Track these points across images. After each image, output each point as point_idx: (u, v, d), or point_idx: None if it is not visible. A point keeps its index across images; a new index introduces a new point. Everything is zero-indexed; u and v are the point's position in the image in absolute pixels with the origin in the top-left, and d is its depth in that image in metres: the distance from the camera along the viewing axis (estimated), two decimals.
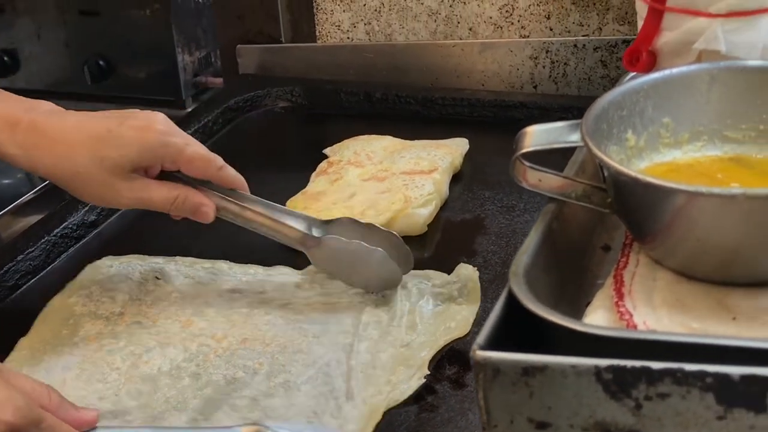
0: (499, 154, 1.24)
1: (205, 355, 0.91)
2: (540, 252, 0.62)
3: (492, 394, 0.55)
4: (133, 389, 0.88)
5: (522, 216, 1.13)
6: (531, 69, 1.40)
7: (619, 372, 0.53)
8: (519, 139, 0.67)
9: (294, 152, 1.36)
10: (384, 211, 1.11)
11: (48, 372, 0.90)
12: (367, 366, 0.89)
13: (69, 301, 1.00)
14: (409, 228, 1.11)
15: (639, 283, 0.62)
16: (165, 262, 1.06)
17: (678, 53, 0.74)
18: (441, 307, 0.96)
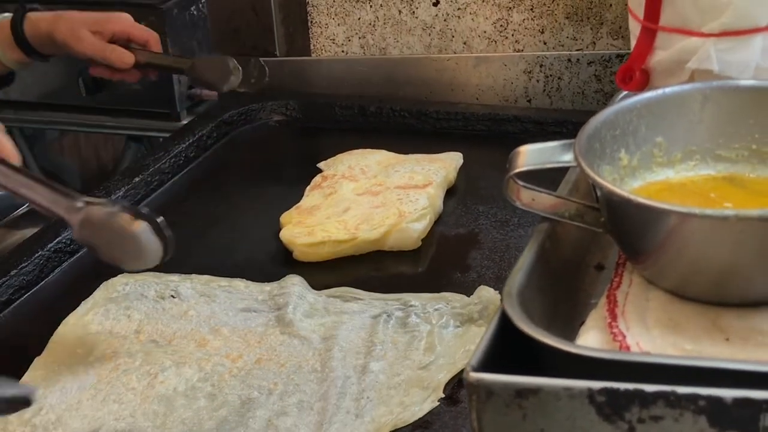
0: (493, 168, 1.25)
1: (221, 375, 0.91)
2: (533, 271, 0.62)
3: (485, 416, 0.55)
4: (149, 410, 0.87)
5: (516, 231, 1.13)
6: (525, 83, 1.40)
7: (612, 395, 0.53)
8: (512, 158, 0.67)
9: (288, 166, 1.36)
10: (378, 226, 1.11)
11: (63, 393, 0.90)
12: (381, 386, 0.88)
13: (84, 320, 1.00)
14: (403, 242, 1.11)
15: (632, 303, 0.62)
16: (181, 281, 1.06)
17: (671, 72, 0.74)
18: (461, 330, 0.96)
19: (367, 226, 1.11)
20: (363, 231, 1.11)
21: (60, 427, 0.87)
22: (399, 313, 0.98)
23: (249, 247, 1.15)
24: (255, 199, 1.26)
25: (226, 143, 1.42)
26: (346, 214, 1.14)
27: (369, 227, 1.11)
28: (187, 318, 1.00)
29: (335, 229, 1.11)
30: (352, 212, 1.14)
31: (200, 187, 1.30)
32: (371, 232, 1.11)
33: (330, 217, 1.14)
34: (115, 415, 0.87)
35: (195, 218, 1.22)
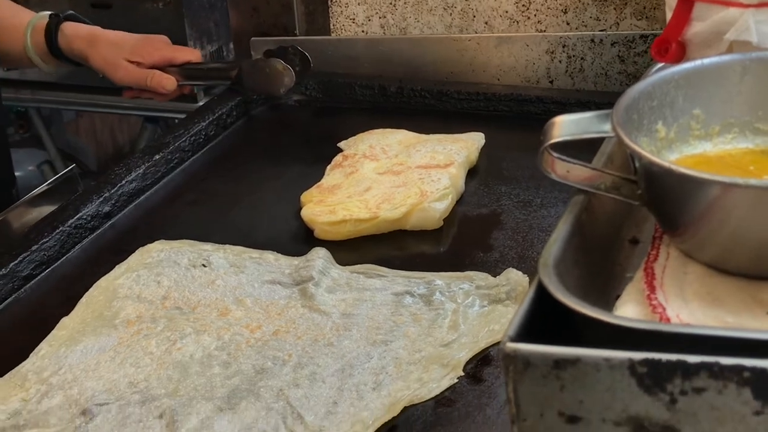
0: (515, 148, 1.24)
1: (237, 344, 0.92)
2: (569, 244, 0.61)
3: (522, 387, 0.54)
4: (163, 375, 0.88)
5: (539, 211, 1.12)
6: (547, 64, 1.39)
7: (654, 366, 0.52)
8: (547, 129, 0.66)
9: (308, 145, 1.35)
10: (399, 205, 1.10)
11: (84, 353, 0.91)
12: (401, 362, 0.88)
13: (116, 283, 1.01)
14: (424, 222, 1.10)
15: (670, 276, 0.61)
16: (214, 250, 1.06)
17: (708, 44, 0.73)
18: (487, 309, 0.95)
19: (388, 206, 1.10)
20: (384, 210, 1.10)
21: (76, 386, 0.88)
22: (423, 291, 0.98)
23: (269, 226, 1.14)
24: (275, 178, 1.25)
25: (246, 122, 1.41)
26: (367, 193, 1.13)
27: (390, 206, 1.10)
28: (214, 287, 1.00)
29: (356, 208, 1.11)
30: (373, 191, 1.14)
31: (220, 165, 1.30)
32: (393, 212, 1.10)
33: (351, 196, 1.13)
34: (130, 378, 0.88)
35: (215, 197, 1.22)
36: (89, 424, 0.83)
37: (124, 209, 1.19)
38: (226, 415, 0.83)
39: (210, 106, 1.39)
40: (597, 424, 0.54)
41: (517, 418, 0.55)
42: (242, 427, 0.82)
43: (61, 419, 0.84)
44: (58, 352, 0.92)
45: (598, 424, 0.54)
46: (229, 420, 0.82)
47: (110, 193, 1.17)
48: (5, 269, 1.03)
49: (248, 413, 0.83)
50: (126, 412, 0.84)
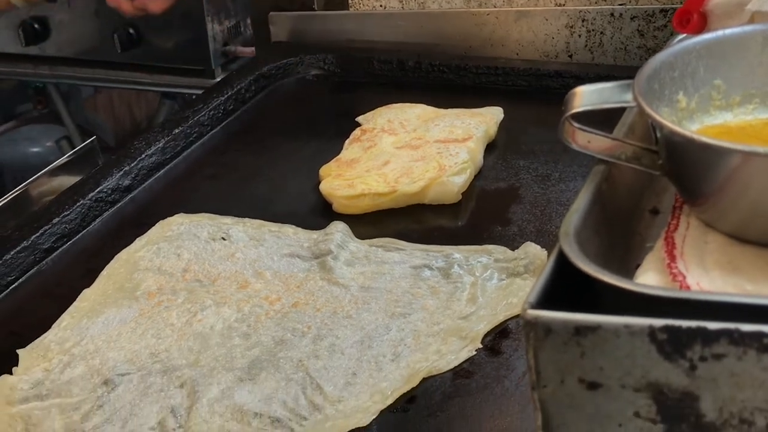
0: (533, 123, 1.24)
1: (257, 317, 0.92)
2: (589, 213, 0.61)
3: (542, 354, 0.55)
4: (184, 346, 0.89)
5: (557, 185, 1.12)
6: (567, 38, 1.39)
7: (674, 332, 0.52)
8: (568, 99, 0.66)
9: (326, 120, 1.35)
10: (418, 179, 1.11)
11: (105, 325, 0.93)
12: (419, 334, 0.89)
13: (137, 256, 1.02)
14: (443, 196, 1.10)
15: (690, 245, 0.61)
16: (233, 223, 1.07)
17: (730, 15, 0.73)
18: (505, 282, 0.95)
19: (407, 180, 1.11)
20: (403, 184, 1.10)
21: (98, 357, 0.89)
22: (441, 264, 0.98)
23: (288, 200, 1.15)
24: (293, 152, 1.25)
25: (265, 97, 1.42)
26: (385, 167, 1.14)
27: (409, 180, 1.11)
28: (234, 260, 1.00)
29: (375, 182, 1.11)
30: (391, 165, 1.14)
31: (239, 139, 1.30)
32: (411, 186, 1.10)
33: (370, 170, 1.13)
34: (151, 349, 0.89)
35: (234, 170, 1.22)
36: (111, 393, 0.84)
37: (144, 183, 1.19)
38: (247, 385, 0.84)
39: (229, 81, 1.40)
40: (617, 390, 0.54)
41: (537, 385, 0.55)
42: (262, 397, 0.82)
43: (84, 389, 0.85)
44: (80, 324, 0.93)
45: (617, 390, 0.54)
46: (249, 390, 0.83)
47: (130, 167, 1.18)
48: (27, 242, 1.04)
49: (268, 383, 0.84)
50: (147, 381, 0.85)
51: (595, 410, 0.55)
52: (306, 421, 0.80)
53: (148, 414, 0.82)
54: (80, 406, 0.84)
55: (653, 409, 0.54)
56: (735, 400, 0.52)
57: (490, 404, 0.82)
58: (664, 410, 0.54)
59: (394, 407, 0.82)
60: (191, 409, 0.82)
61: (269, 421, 0.80)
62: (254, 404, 0.81)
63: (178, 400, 0.83)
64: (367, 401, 0.82)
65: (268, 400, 0.82)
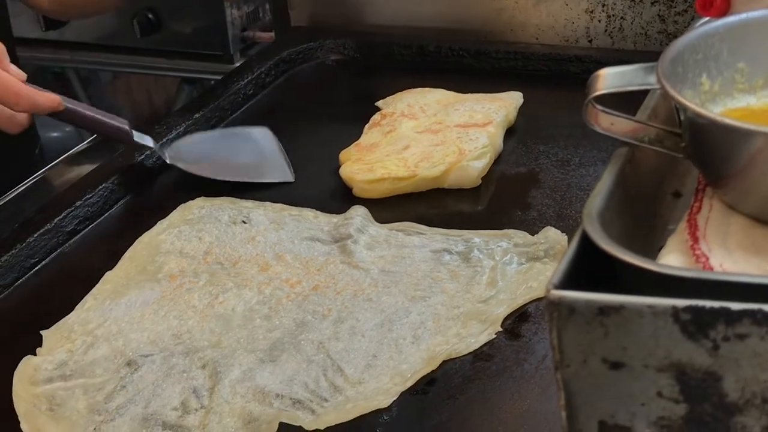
0: (553, 108, 1.24)
1: (278, 299, 0.93)
2: (613, 195, 0.62)
3: (566, 334, 0.55)
4: (206, 328, 0.90)
5: (577, 170, 1.13)
6: (587, 23, 1.38)
7: (697, 312, 0.52)
8: (591, 81, 0.66)
9: (346, 104, 1.36)
10: (438, 164, 1.11)
11: (128, 306, 0.93)
12: (439, 317, 0.89)
13: (159, 239, 1.03)
14: (463, 180, 1.11)
15: (713, 227, 0.61)
16: (254, 207, 1.08)
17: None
18: (525, 266, 0.96)
19: (427, 164, 1.11)
20: (423, 168, 1.10)
21: (121, 338, 0.90)
22: (461, 248, 0.98)
23: (308, 184, 1.15)
24: (313, 136, 1.26)
25: (284, 82, 1.42)
26: (405, 151, 1.14)
27: (429, 165, 1.11)
28: (254, 243, 1.01)
29: (395, 166, 1.11)
30: (411, 150, 1.14)
31: (259, 124, 1.30)
32: (431, 170, 1.10)
33: (390, 155, 1.13)
34: (174, 330, 0.90)
35: None
36: (134, 374, 0.85)
37: (166, 167, 1.20)
38: (268, 366, 0.84)
39: (249, 66, 1.40)
40: (640, 370, 0.54)
41: (560, 365, 0.56)
42: (284, 378, 0.83)
43: (107, 369, 0.86)
44: (103, 305, 0.94)
45: (640, 370, 0.54)
46: (270, 372, 0.84)
47: (152, 151, 1.18)
48: (50, 224, 1.05)
49: (289, 365, 0.85)
50: (170, 362, 0.86)
51: (618, 390, 0.55)
52: (327, 402, 0.81)
53: (171, 394, 0.83)
54: (103, 387, 0.84)
55: (676, 388, 0.54)
56: (757, 380, 0.53)
57: (510, 387, 0.82)
58: (686, 390, 0.54)
59: (414, 389, 0.83)
60: (213, 389, 0.82)
61: (290, 402, 0.81)
62: (275, 386, 0.82)
63: (200, 381, 0.84)
64: (388, 383, 0.83)
65: (289, 382, 0.83)
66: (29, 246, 1.02)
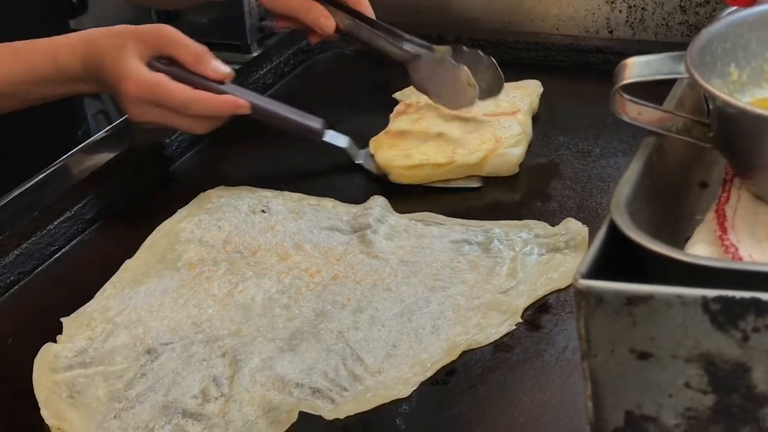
0: (574, 98, 1.24)
1: (298, 288, 0.93)
2: (640, 185, 0.61)
3: (593, 323, 0.55)
4: (226, 316, 0.90)
5: (598, 161, 1.12)
6: (607, 13, 1.38)
7: (727, 303, 0.52)
8: (619, 70, 0.66)
9: (364, 95, 1.35)
10: (476, 150, 1.10)
11: (147, 294, 0.93)
12: (459, 307, 0.89)
13: (178, 227, 1.03)
14: (501, 168, 1.11)
15: (741, 218, 0.61)
16: (273, 196, 1.08)
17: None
18: (545, 257, 0.95)
19: (464, 151, 1.11)
20: (460, 155, 1.10)
21: (140, 326, 0.90)
22: (481, 239, 0.98)
23: (327, 173, 1.15)
24: (332, 126, 1.25)
25: (303, 71, 1.42)
26: (440, 138, 1.14)
27: (466, 151, 1.11)
28: (274, 232, 1.01)
29: (433, 152, 1.11)
30: (446, 137, 1.14)
31: None
32: (469, 156, 1.10)
33: (427, 141, 1.13)
34: (194, 318, 0.90)
35: (273, 144, 1.22)
36: (154, 362, 0.85)
37: (185, 155, 1.20)
38: (287, 355, 0.84)
39: (267, 55, 1.40)
40: (668, 360, 0.54)
41: (588, 354, 0.56)
42: (303, 367, 0.83)
43: (127, 357, 0.86)
44: (123, 293, 0.94)
45: (668, 360, 0.54)
46: (290, 360, 0.84)
47: (171, 140, 1.18)
48: (70, 212, 1.05)
49: (309, 354, 0.84)
50: (190, 351, 0.86)
51: (645, 380, 0.55)
52: (346, 391, 0.81)
53: (191, 383, 0.83)
54: (123, 374, 0.84)
55: (704, 379, 0.54)
56: None
57: (530, 378, 0.82)
58: (715, 381, 0.54)
59: (434, 379, 0.82)
60: (233, 378, 0.82)
61: (310, 392, 0.81)
62: (295, 374, 0.82)
63: (220, 369, 0.84)
64: (407, 373, 0.83)
65: (308, 371, 0.82)
66: (49, 233, 1.02)
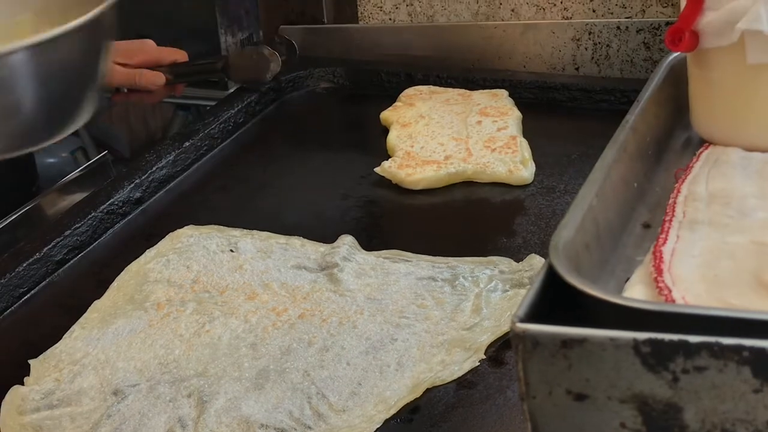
0: (540, 135, 1.25)
1: (264, 327, 0.94)
2: (580, 228, 0.63)
3: (531, 366, 0.56)
4: (192, 356, 0.91)
5: (562, 197, 1.13)
6: (573, 51, 1.40)
7: (657, 345, 0.53)
8: None
9: (335, 132, 1.38)
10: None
11: (115, 335, 0.94)
12: (424, 344, 0.90)
13: (146, 267, 1.04)
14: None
15: (678, 259, 0.62)
16: (242, 235, 1.09)
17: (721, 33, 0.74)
18: (509, 293, 0.97)
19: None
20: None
21: (108, 367, 0.90)
22: (447, 276, 0.99)
23: (297, 211, 1.16)
24: (303, 164, 1.27)
25: (275, 109, 1.43)
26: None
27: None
28: (242, 271, 1.02)
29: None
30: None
31: (249, 152, 1.32)
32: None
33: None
34: (161, 359, 0.91)
35: (244, 182, 1.24)
36: (120, 403, 0.86)
37: (155, 195, 1.21)
38: (253, 394, 0.85)
39: (239, 94, 1.42)
40: (603, 401, 0.55)
41: (526, 396, 0.57)
42: (269, 406, 0.84)
43: (94, 398, 0.87)
44: (91, 334, 0.94)
45: (603, 401, 0.55)
46: (255, 399, 0.84)
47: (141, 180, 1.20)
48: (39, 254, 1.06)
49: (274, 393, 0.85)
50: (157, 391, 0.86)
51: (583, 421, 0.56)
52: (311, 430, 0.82)
53: (157, 424, 0.83)
54: (90, 416, 0.85)
55: (639, 420, 0.55)
56: (717, 412, 0.54)
57: (493, 414, 0.83)
58: (649, 421, 0.55)
59: (398, 417, 0.83)
60: (199, 419, 0.83)
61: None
62: (261, 414, 0.83)
63: (186, 410, 0.84)
64: (371, 410, 0.83)
65: (274, 410, 0.83)
66: (18, 275, 1.03)
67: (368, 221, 1.13)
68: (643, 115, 0.76)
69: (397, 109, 1.29)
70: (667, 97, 0.82)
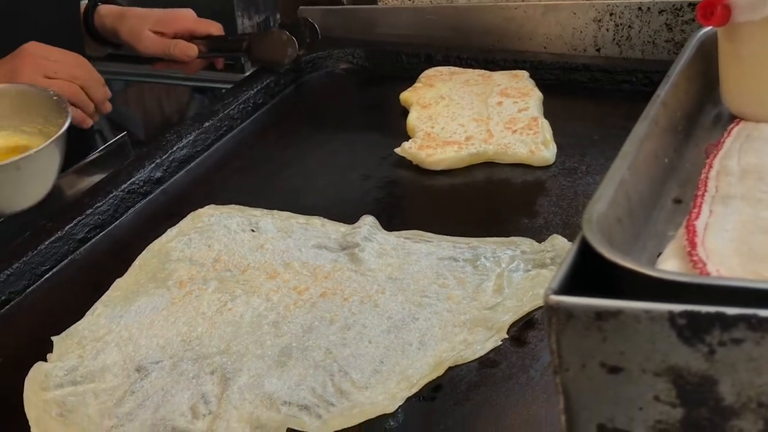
0: (561, 116, 1.25)
1: (286, 306, 0.94)
2: (613, 202, 0.62)
3: (564, 339, 0.56)
4: (215, 334, 0.91)
5: (584, 178, 1.13)
6: (594, 32, 1.39)
7: (693, 317, 0.53)
8: None
9: (354, 113, 1.37)
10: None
11: (138, 313, 0.94)
12: (446, 323, 0.90)
13: (168, 246, 1.04)
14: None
15: (711, 233, 0.62)
16: (262, 215, 1.09)
17: (753, 7, 0.73)
18: (531, 273, 0.96)
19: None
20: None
21: (131, 344, 0.91)
22: (468, 256, 0.99)
23: (316, 192, 1.16)
24: (322, 144, 1.27)
25: (293, 90, 1.43)
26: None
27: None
28: (263, 251, 1.02)
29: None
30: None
31: (268, 132, 1.32)
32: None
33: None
34: (184, 336, 0.91)
35: (263, 163, 1.24)
36: (144, 380, 0.86)
37: (176, 175, 1.21)
38: (276, 372, 0.85)
39: (258, 75, 1.42)
40: (637, 374, 0.55)
41: (560, 369, 0.56)
42: (291, 383, 0.84)
43: (117, 375, 0.87)
44: (113, 312, 0.95)
45: (638, 374, 0.55)
46: (278, 377, 0.84)
47: (162, 159, 1.20)
48: (61, 232, 1.06)
49: (297, 371, 0.85)
50: (180, 368, 0.87)
51: (616, 394, 0.56)
52: (333, 407, 0.82)
53: (180, 400, 0.83)
54: (114, 392, 0.85)
55: (673, 392, 0.55)
56: (753, 385, 0.53)
57: (516, 393, 0.83)
58: (683, 394, 0.55)
59: (420, 395, 0.83)
60: (222, 395, 0.83)
61: (297, 408, 0.81)
62: (283, 392, 0.83)
63: (209, 386, 0.84)
64: (394, 388, 0.83)
65: (296, 387, 0.83)
66: (40, 253, 1.03)
67: (389, 201, 1.13)
68: (674, 90, 0.76)
69: (416, 90, 1.29)
70: (698, 72, 0.81)
